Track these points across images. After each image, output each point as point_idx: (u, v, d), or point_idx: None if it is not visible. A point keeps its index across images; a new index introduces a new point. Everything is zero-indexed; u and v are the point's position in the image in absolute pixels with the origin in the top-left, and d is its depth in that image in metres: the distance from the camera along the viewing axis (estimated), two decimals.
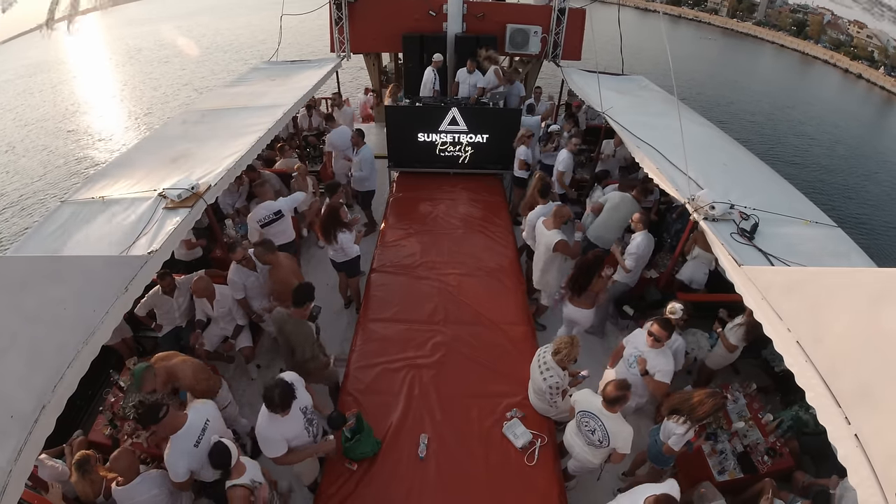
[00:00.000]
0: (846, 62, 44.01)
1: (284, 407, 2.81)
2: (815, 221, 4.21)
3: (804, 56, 46.56)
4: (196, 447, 2.90)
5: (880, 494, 1.91)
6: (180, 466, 2.88)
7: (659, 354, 3.52)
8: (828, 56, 45.61)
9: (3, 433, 2.12)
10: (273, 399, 2.77)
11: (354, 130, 6.31)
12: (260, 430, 2.89)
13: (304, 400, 3.09)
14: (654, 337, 3.46)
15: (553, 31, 8.64)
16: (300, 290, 3.57)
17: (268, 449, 2.90)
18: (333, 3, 8.34)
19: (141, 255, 3.30)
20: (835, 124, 25.76)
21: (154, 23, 42.42)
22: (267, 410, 2.84)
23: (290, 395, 2.84)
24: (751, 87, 30.59)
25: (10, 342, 2.39)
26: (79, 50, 36.13)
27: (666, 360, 3.52)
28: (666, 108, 6.52)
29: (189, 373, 3.52)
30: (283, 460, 2.96)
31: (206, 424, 2.99)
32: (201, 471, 3.01)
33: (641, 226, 4.72)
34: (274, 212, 5.02)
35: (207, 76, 26.95)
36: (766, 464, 3.68)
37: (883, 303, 2.31)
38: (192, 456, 2.90)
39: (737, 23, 55.79)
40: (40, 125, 20.97)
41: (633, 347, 3.68)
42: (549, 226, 4.62)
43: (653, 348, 3.52)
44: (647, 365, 3.52)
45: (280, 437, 2.89)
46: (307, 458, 3.12)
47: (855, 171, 20.28)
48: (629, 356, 3.69)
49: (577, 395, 3.27)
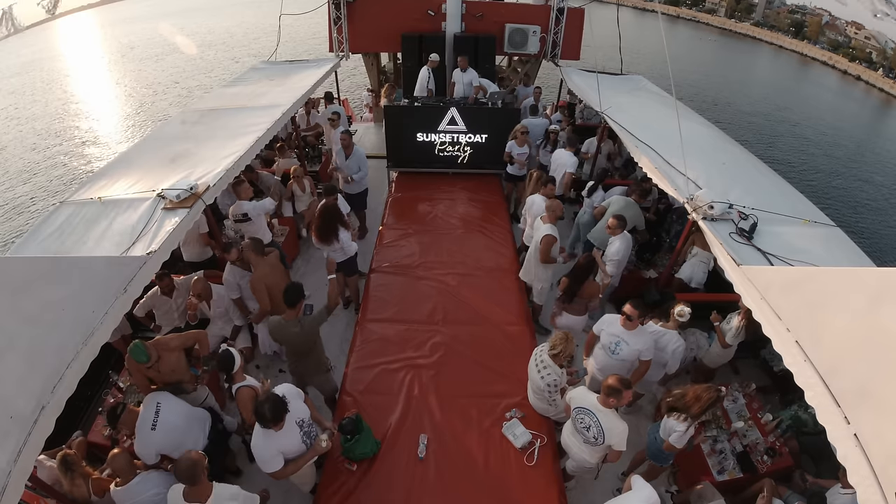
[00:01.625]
0: (845, 63, 43.88)
1: (276, 421, 2.74)
2: (814, 221, 4.21)
3: (803, 57, 46.47)
4: (154, 430, 3.14)
5: (880, 494, 1.91)
6: (146, 451, 3.14)
7: (636, 334, 3.60)
8: (826, 57, 45.43)
9: (2, 434, 2.12)
10: (264, 414, 2.70)
11: (343, 132, 6.21)
12: (255, 448, 2.84)
13: (299, 412, 3.02)
14: (626, 316, 3.55)
15: (552, 30, 8.65)
16: (290, 290, 3.53)
17: (265, 465, 2.84)
18: (332, 3, 8.34)
19: (140, 256, 3.29)
20: (833, 126, 25.79)
21: (148, 20, 42.48)
22: (261, 429, 2.79)
23: (282, 408, 2.76)
24: (750, 88, 30.63)
25: (8, 343, 2.39)
26: (73, 47, 36.14)
27: (644, 338, 3.62)
28: (664, 108, 6.53)
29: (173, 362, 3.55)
30: (281, 474, 2.90)
31: (157, 408, 3.20)
32: (175, 451, 3.18)
33: (619, 230, 4.72)
34: (242, 213, 5.05)
35: (196, 74, 27.01)
36: (766, 463, 3.68)
37: (882, 302, 2.31)
38: (153, 439, 3.13)
39: (735, 23, 55.74)
40: (30, 125, 20.99)
41: (610, 334, 3.71)
42: (544, 220, 4.68)
43: (628, 329, 3.60)
44: (629, 348, 3.60)
45: (276, 451, 2.84)
46: (304, 465, 3.08)
47: (854, 171, 20.34)
48: (609, 343, 3.71)
49: (573, 391, 3.28)
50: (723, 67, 36.27)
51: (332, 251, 4.89)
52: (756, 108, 26.23)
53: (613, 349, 3.67)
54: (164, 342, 3.54)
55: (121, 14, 50.54)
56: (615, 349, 3.66)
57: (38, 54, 34.14)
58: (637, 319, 3.56)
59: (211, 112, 5.92)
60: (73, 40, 39.43)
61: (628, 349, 3.61)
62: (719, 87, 29.24)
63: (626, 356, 3.64)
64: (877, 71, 42.17)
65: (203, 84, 24.96)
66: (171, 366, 3.51)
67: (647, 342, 3.62)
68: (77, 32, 43.34)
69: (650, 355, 3.66)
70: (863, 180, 19.59)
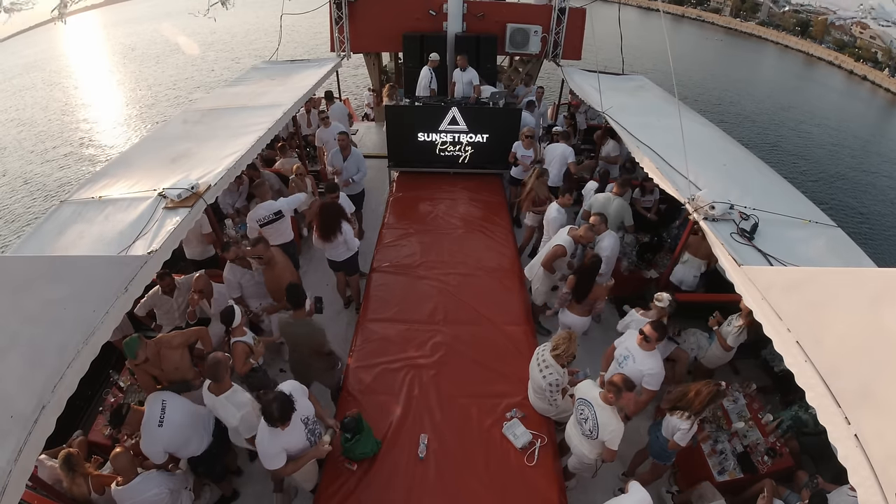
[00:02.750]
0: (850, 63, 43.58)
1: (284, 420, 2.74)
2: (815, 221, 4.20)
3: (809, 57, 46.15)
4: (161, 427, 3.09)
5: (880, 494, 1.91)
6: (154, 449, 3.11)
7: (648, 356, 3.51)
8: (832, 57, 45.15)
9: (3, 433, 2.12)
10: (272, 413, 2.70)
11: (340, 132, 6.18)
12: (260, 445, 2.84)
13: (305, 410, 3.03)
14: (643, 336, 3.47)
15: (553, 30, 8.64)
16: (291, 290, 3.56)
17: (267, 462, 2.85)
18: (333, 3, 8.34)
19: (141, 255, 3.30)
20: (837, 127, 25.67)
21: (148, 21, 42.58)
22: (266, 426, 2.79)
23: (289, 407, 2.77)
24: (755, 88, 30.46)
25: (10, 342, 2.40)
26: (72, 47, 36.28)
27: (655, 362, 3.51)
28: (666, 108, 6.52)
29: (176, 359, 3.57)
30: (282, 472, 2.92)
31: (163, 405, 3.17)
32: (181, 448, 3.21)
33: (604, 227, 4.69)
34: (274, 212, 4.99)
35: (196, 74, 27.06)
36: (766, 464, 3.68)
37: (883, 303, 2.31)
38: (161, 436, 3.10)
39: (740, 23, 55.44)
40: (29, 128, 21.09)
41: (623, 348, 3.69)
42: (575, 235, 4.55)
43: (642, 349, 3.52)
44: (635, 366, 3.51)
45: (280, 449, 2.84)
46: (306, 463, 3.08)
47: (855, 171, 20.27)
48: (619, 356, 3.71)
49: (580, 384, 3.29)
50: (728, 67, 36.09)
51: (334, 248, 4.85)
52: (761, 108, 26.15)
53: (621, 362, 3.64)
54: (166, 340, 3.55)
55: (122, 15, 50.71)
56: (623, 362, 3.63)
57: (41, 55, 34.26)
58: (654, 342, 3.47)
59: (212, 112, 5.92)
60: (74, 41, 39.50)
61: (634, 367, 3.52)
62: (724, 86, 29.14)
63: (630, 372, 3.51)
64: (883, 71, 41.96)
65: (204, 84, 25.01)
66: (175, 363, 3.52)
67: (653, 366, 3.48)
68: (80, 33, 43.43)
69: (655, 385, 3.51)
70: (865, 181, 19.52)
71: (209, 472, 3.54)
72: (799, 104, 28.67)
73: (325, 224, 4.70)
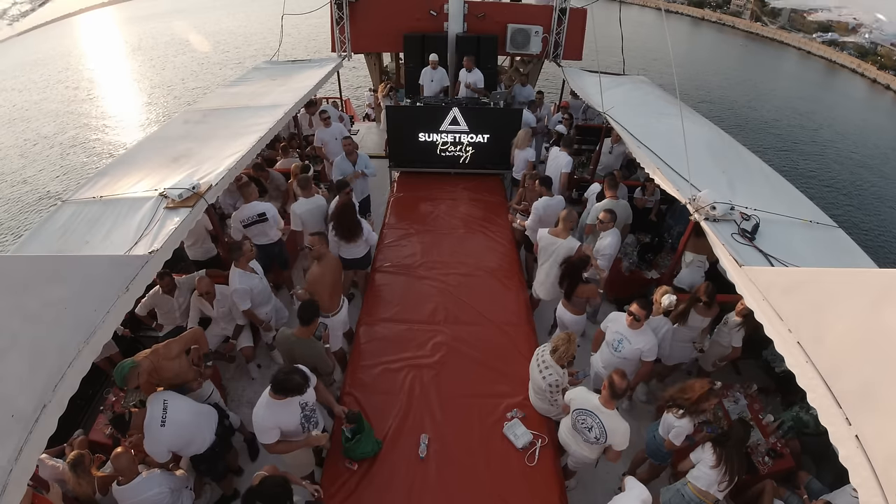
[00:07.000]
0: (874, 72, 41.46)
1: (300, 390, 2.92)
2: (816, 222, 4.20)
3: (830, 63, 44.48)
4: (163, 426, 3.10)
5: (881, 495, 1.91)
6: (158, 448, 3.11)
7: (639, 334, 3.63)
8: (855, 65, 43.58)
9: (4, 433, 2.12)
10: (284, 384, 2.86)
11: (345, 137, 6.14)
12: (256, 416, 2.96)
13: (306, 396, 3.08)
14: (633, 316, 3.56)
15: (554, 30, 8.64)
16: (307, 307, 3.46)
17: (261, 435, 2.96)
18: (334, 3, 8.34)
19: (142, 255, 3.30)
20: (846, 133, 25.21)
21: (149, 21, 42.65)
22: (266, 397, 2.94)
23: (304, 381, 2.94)
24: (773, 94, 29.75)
25: (11, 342, 2.40)
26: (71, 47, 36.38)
27: (647, 338, 3.64)
28: (667, 108, 6.53)
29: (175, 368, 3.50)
30: (275, 448, 3.02)
31: (164, 405, 3.18)
32: (185, 447, 3.23)
33: (611, 225, 4.68)
34: (258, 213, 4.93)
35: (199, 74, 27.06)
36: (767, 464, 3.68)
37: (884, 303, 2.30)
38: (164, 435, 3.10)
39: (760, 27, 54.15)
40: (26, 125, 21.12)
41: (614, 332, 3.76)
42: (562, 235, 4.52)
43: (632, 328, 3.63)
44: (631, 346, 3.63)
45: (274, 424, 2.94)
46: (297, 449, 3.13)
47: (857, 171, 20.18)
48: (613, 340, 3.76)
49: (572, 392, 3.28)
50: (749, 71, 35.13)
51: (355, 247, 4.78)
52: (781, 115, 25.64)
53: (616, 346, 3.72)
54: (163, 352, 3.41)
55: (125, 14, 50.76)
56: (618, 346, 3.71)
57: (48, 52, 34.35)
58: (643, 319, 3.58)
59: (213, 111, 5.93)
60: (73, 40, 39.57)
61: (630, 347, 3.65)
62: (745, 90, 28.54)
63: (628, 354, 3.68)
64: None
65: (204, 83, 25.01)
66: (174, 371, 3.46)
67: (649, 342, 3.64)
68: (81, 32, 43.51)
69: (652, 356, 3.68)
70: (867, 181, 19.43)
71: (211, 469, 3.54)
72: (818, 109, 28.03)
73: (346, 226, 4.65)
